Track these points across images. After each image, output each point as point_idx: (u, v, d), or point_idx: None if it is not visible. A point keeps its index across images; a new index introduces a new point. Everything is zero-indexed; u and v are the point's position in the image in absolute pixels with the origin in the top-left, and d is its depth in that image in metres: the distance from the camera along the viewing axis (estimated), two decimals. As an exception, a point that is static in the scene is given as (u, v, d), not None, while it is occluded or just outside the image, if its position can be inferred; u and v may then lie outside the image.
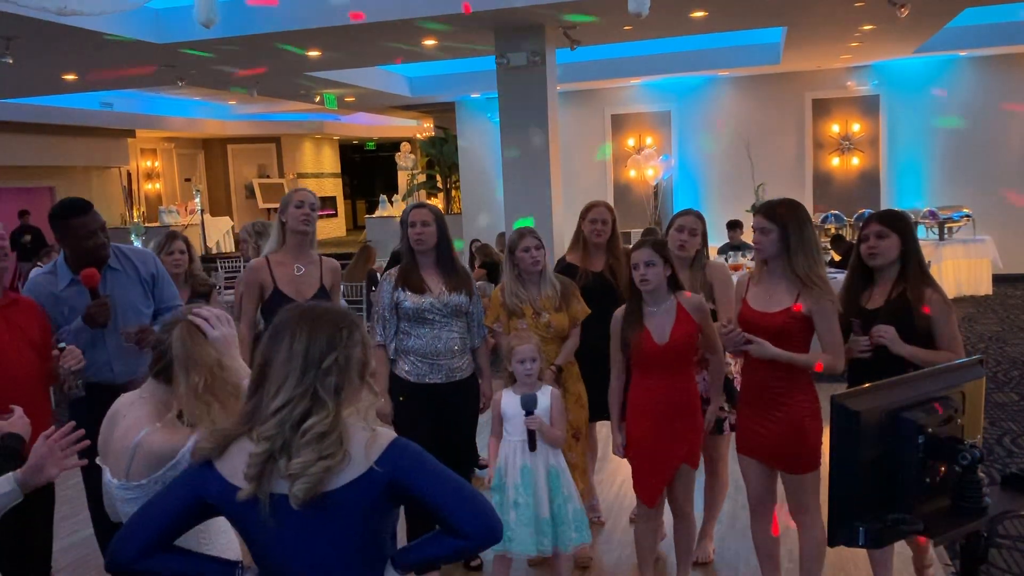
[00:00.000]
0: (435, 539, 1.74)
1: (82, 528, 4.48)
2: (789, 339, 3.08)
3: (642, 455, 3.39)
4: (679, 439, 3.33)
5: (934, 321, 3.03)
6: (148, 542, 1.73)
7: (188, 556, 1.80)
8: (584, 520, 3.51)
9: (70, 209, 3.33)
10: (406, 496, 1.72)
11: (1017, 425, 5.80)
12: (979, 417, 1.95)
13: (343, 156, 23.90)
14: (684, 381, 3.35)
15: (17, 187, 15.14)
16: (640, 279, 3.26)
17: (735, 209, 12.06)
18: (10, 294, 3.17)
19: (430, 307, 3.67)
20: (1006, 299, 10.89)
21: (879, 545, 1.78)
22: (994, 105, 12.22)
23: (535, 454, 3.44)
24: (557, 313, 3.84)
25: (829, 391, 1.88)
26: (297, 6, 7.30)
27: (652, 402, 3.32)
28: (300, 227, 3.81)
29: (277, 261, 3.84)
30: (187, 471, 1.80)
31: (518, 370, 3.49)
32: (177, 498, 1.76)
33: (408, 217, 3.75)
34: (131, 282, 3.47)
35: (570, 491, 3.49)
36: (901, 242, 3.11)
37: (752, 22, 8.79)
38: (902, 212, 3.32)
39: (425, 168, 19.10)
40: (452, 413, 3.73)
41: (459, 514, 1.68)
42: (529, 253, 3.83)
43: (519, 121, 7.70)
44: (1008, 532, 4.14)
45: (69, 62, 8.67)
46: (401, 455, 1.71)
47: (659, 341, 3.26)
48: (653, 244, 3.32)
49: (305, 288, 3.81)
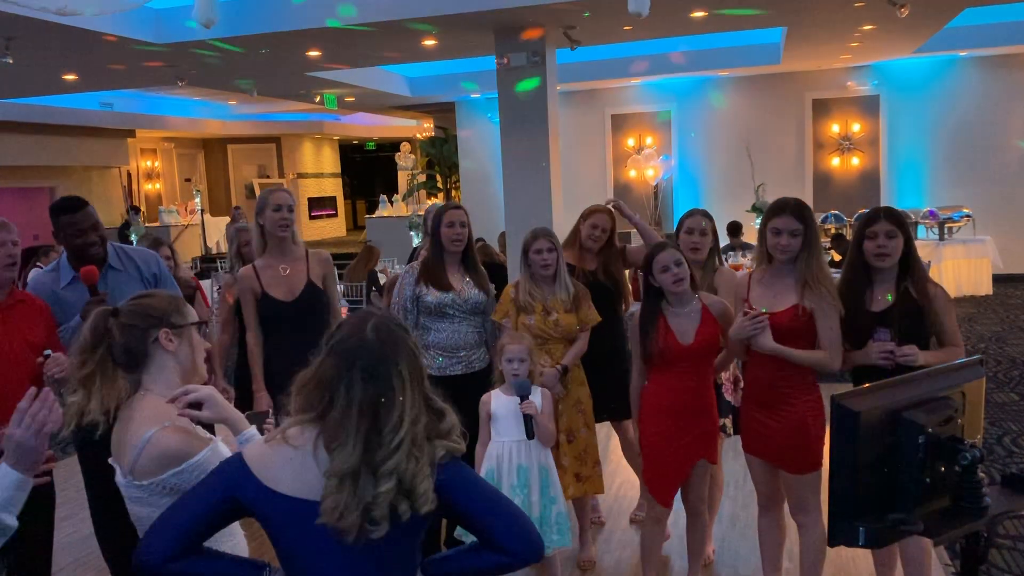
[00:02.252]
0: (473, 553, 1.74)
1: (82, 528, 4.49)
2: (796, 338, 3.09)
3: (659, 454, 3.39)
4: (697, 438, 3.35)
5: (938, 316, 3.03)
6: (178, 544, 1.70)
7: (217, 558, 1.78)
8: (566, 524, 3.49)
9: (62, 206, 3.37)
10: (448, 508, 1.71)
11: (1017, 425, 5.80)
12: (979, 417, 1.95)
13: (343, 156, 23.89)
14: (704, 381, 3.37)
15: (17, 187, 15.14)
16: (674, 279, 3.25)
17: (735, 209, 12.07)
18: (17, 293, 3.20)
19: (451, 303, 3.78)
20: (1006, 299, 10.89)
21: (879, 545, 1.78)
22: (994, 105, 12.22)
23: (530, 452, 3.43)
24: (567, 314, 3.84)
25: (830, 391, 1.88)
26: (297, 6, 7.30)
27: (672, 402, 3.33)
28: (278, 232, 3.84)
29: (263, 266, 3.88)
30: (219, 470, 1.76)
31: (506, 369, 3.47)
32: (209, 497, 1.73)
33: (445, 216, 3.80)
34: (132, 282, 3.48)
35: (556, 493, 3.49)
36: (904, 242, 3.08)
37: (752, 22, 8.79)
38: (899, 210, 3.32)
39: (425, 168, 19.10)
40: (470, 403, 3.77)
41: (504, 531, 1.69)
42: (541, 255, 3.80)
43: (519, 121, 7.70)
44: (1008, 532, 4.14)
45: (69, 62, 8.67)
46: (446, 468, 1.70)
47: (684, 342, 3.27)
48: (675, 245, 3.35)
49: (294, 286, 3.84)
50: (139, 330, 2.07)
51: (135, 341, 2.07)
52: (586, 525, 4.10)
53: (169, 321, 2.10)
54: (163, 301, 2.14)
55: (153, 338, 2.08)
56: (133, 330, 2.07)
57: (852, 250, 3.18)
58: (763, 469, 3.30)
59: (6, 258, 3.15)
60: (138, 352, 2.07)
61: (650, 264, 3.30)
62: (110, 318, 2.08)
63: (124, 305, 2.12)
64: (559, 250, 3.84)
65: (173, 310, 2.13)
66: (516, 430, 3.42)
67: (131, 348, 2.07)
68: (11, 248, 3.19)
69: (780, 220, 3.11)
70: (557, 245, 3.85)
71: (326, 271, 3.96)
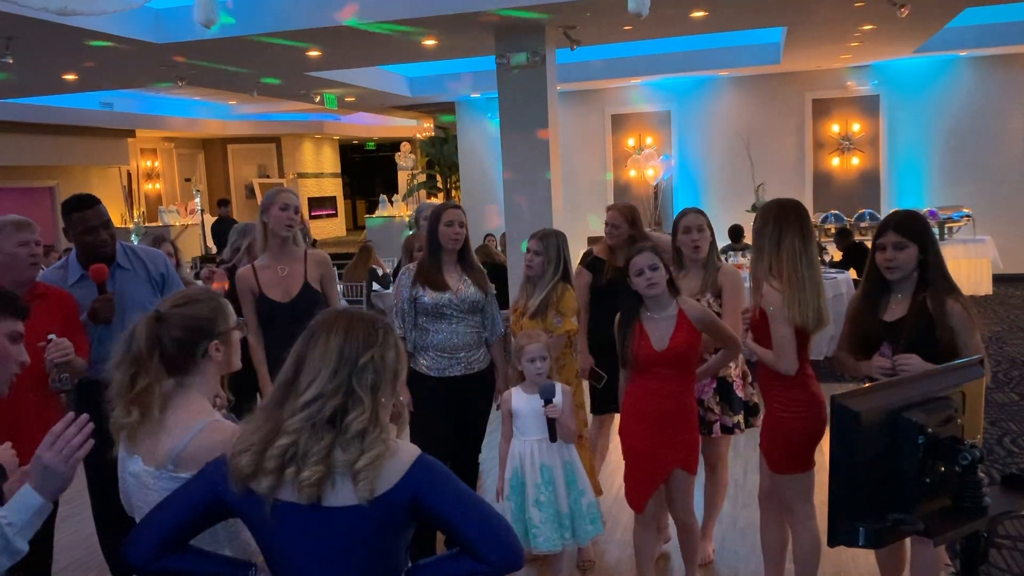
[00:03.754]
0: (454, 560, 1.71)
1: (82, 528, 4.48)
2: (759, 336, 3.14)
3: (634, 459, 3.39)
4: (672, 446, 3.30)
5: (956, 333, 2.83)
6: (163, 541, 1.71)
7: (202, 556, 1.79)
8: (597, 512, 3.52)
9: (74, 203, 3.39)
10: (427, 514, 1.68)
11: (1017, 425, 5.80)
12: (979, 417, 1.95)
13: (343, 156, 23.90)
14: (680, 388, 3.31)
15: (17, 187, 15.14)
16: (647, 284, 3.21)
17: (735, 209, 12.08)
18: (38, 288, 3.22)
19: (448, 303, 3.75)
20: (1006, 299, 10.89)
21: (879, 545, 1.78)
22: (994, 105, 12.22)
23: (552, 450, 3.44)
24: (531, 320, 3.92)
25: (829, 391, 1.88)
26: (297, 6, 7.30)
27: (646, 407, 3.31)
28: (283, 231, 3.82)
29: (262, 266, 3.87)
30: (207, 470, 1.76)
31: (528, 369, 3.49)
32: (195, 498, 1.74)
33: (444, 215, 3.79)
34: (140, 281, 3.50)
35: (584, 484, 3.50)
36: (920, 250, 2.92)
37: (752, 22, 8.79)
38: (919, 215, 3.04)
39: (425, 168, 19.10)
40: (470, 403, 3.83)
41: (482, 539, 1.64)
42: (528, 255, 3.97)
43: (519, 121, 7.70)
44: (1008, 532, 4.14)
45: (69, 62, 8.67)
46: (426, 473, 1.68)
47: (658, 347, 3.24)
48: (652, 248, 3.30)
49: (291, 288, 3.83)
50: (188, 343, 2.00)
51: (184, 353, 2.00)
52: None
53: (217, 331, 2.04)
54: (208, 309, 2.06)
55: (203, 351, 2.01)
56: (182, 343, 1.99)
57: (868, 259, 3.08)
58: (763, 463, 3.31)
59: (29, 257, 3.18)
60: (185, 363, 2.01)
61: (628, 267, 3.30)
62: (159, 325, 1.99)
63: (168, 311, 2.02)
64: (545, 255, 3.91)
65: (219, 317, 2.06)
66: (538, 429, 3.43)
67: (177, 360, 2.00)
68: (34, 248, 3.21)
69: None
70: (544, 250, 3.91)
71: (324, 272, 3.94)
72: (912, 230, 2.94)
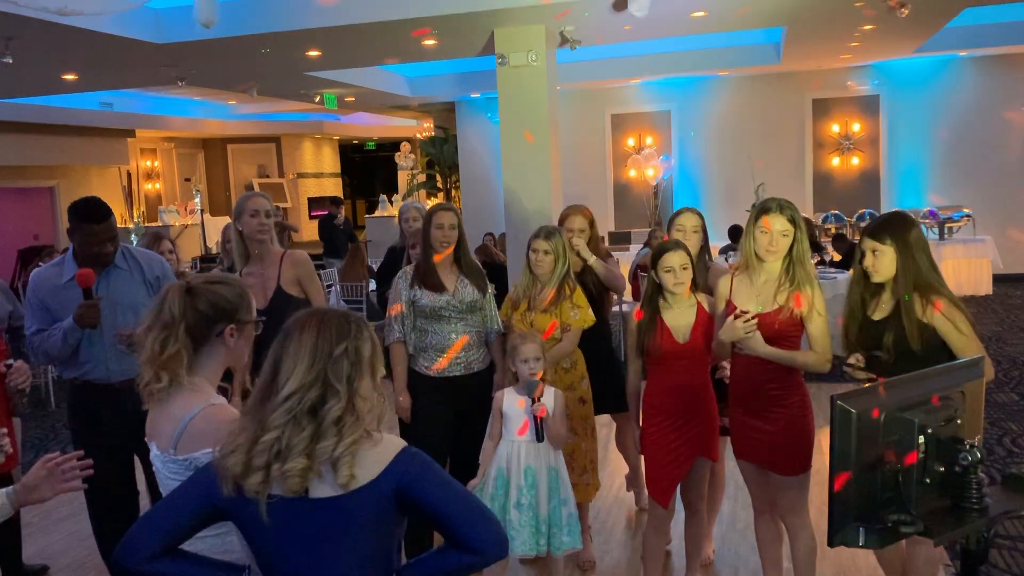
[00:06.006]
0: (442, 554, 1.73)
1: (82, 528, 4.48)
2: (785, 339, 3.09)
3: (658, 454, 3.39)
4: (696, 436, 3.36)
5: (944, 334, 2.85)
6: (156, 545, 1.72)
7: (195, 561, 1.80)
8: (577, 525, 3.50)
9: (88, 214, 3.35)
10: (413, 506, 1.70)
11: (1017, 425, 5.80)
12: (979, 417, 1.95)
13: (343, 156, 23.90)
14: (702, 379, 3.38)
15: (17, 187, 15.13)
16: (675, 283, 3.27)
17: (735, 208, 12.06)
18: None
19: (446, 304, 3.75)
20: (1006, 299, 10.89)
21: (879, 545, 1.78)
22: (994, 105, 12.21)
23: (539, 453, 3.43)
24: (543, 314, 3.87)
25: (830, 391, 1.88)
26: (297, 6, 7.30)
27: (671, 401, 3.34)
28: (256, 236, 3.77)
29: (247, 273, 3.81)
30: (199, 475, 1.79)
31: (522, 369, 3.49)
32: (188, 503, 1.75)
33: (434, 218, 3.76)
34: (135, 282, 3.49)
35: (567, 494, 3.49)
36: (896, 252, 2.92)
37: (752, 22, 8.78)
38: (895, 218, 3.05)
39: (425, 168, 19.09)
40: (470, 403, 3.81)
41: (468, 528, 1.68)
42: (537, 254, 3.90)
43: (519, 121, 7.70)
44: (1008, 532, 4.14)
45: (69, 62, 8.66)
46: (410, 463, 1.71)
47: (681, 340, 3.30)
48: (685, 247, 3.35)
49: (267, 291, 3.76)
50: (208, 319, 2.04)
51: (201, 328, 2.04)
52: (585, 526, 4.10)
53: (236, 317, 2.09)
54: (235, 293, 2.10)
55: (218, 331, 2.06)
56: (202, 317, 2.03)
57: (856, 258, 3.09)
58: (756, 473, 3.28)
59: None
60: (199, 338, 2.05)
61: (656, 261, 3.31)
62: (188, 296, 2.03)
63: (198, 286, 2.06)
64: (555, 252, 3.86)
65: (243, 305, 2.11)
66: (527, 430, 3.43)
67: (194, 333, 2.03)
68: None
69: (775, 221, 3.09)
70: (554, 248, 3.87)
71: (300, 273, 3.82)
72: (883, 234, 2.95)
